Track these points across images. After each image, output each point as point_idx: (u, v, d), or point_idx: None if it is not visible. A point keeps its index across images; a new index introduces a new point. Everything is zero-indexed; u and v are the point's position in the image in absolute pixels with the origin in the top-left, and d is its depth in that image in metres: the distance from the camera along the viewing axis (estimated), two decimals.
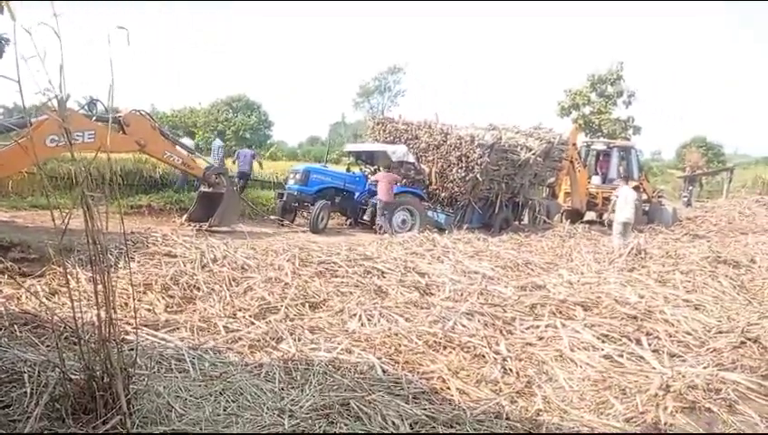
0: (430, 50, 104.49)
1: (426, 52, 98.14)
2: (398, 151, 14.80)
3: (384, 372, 4.62)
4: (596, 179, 19.75)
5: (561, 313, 6.43)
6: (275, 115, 65.18)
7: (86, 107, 9.78)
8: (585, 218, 18.82)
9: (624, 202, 12.36)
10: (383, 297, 6.89)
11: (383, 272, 7.86)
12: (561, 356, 5.26)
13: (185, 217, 12.51)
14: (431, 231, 12.22)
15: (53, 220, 3.09)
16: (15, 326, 4.64)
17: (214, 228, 11.47)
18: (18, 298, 5.60)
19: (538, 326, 5.94)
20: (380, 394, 4.04)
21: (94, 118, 9.38)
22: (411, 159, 14.95)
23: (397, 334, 5.45)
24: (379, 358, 4.88)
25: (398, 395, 4.15)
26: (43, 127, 8.66)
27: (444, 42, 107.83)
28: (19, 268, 6.53)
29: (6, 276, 6.16)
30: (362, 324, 5.87)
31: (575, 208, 18.82)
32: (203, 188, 12.36)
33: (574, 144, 18.26)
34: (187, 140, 15.11)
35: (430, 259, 9.11)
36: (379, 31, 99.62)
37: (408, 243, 10.45)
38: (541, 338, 5.66)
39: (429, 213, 15.18)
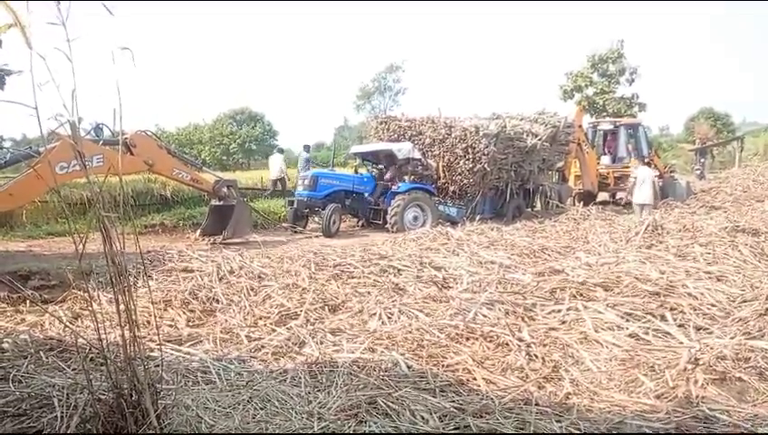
0: (425, 43, 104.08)
1: (421, 46, 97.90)
2: (404, 149, 14.81)
3: (408, 367, 4.60)
4: (605, 159, 19.67)
5: (581, 295, 6.39)
6: (279, 124, 65.50)
7: (92, 132, 9.87)
8: (598, 199, 18.71)
9: (641, 183, 12.28)
10: (401, 294, 6.87)
11: (399, 269, 7.85)
12: (585, 338, 5.22)
13: (198, 231, 12.59)
14: (444, 225, 12.21)
15: (75, 244, 3.12)
16: (41, 352, 4.68)
17: (228, 241, 11.53)
18: (42, 325, 5.65)
19: (560, 310, 5.90)
20: (407, 390, 4.03)
21: (101, 142, 9.48)
22: (417, 155, 14.96)
23: (418, 330, 5.43)
24: (403, 354, 4.87)
25: (424, 389, 4.14)
26: (52, 155, 8.77)
27: (437, 34, 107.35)
28: (40, 295, 6.59)
29: (29, 304, 6.22)
30: (383, 323, 5.86)
31: (587, 190, 18.76)
32: (214, 202, 12.43)
33: (580, 126, 18.19)
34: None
35: (445, 253, 9.09)
36: (372, 31, 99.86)
37: (421, 239, 10.45)
38: (563, 322, 5.63)
39: (440, 207, 15.20)
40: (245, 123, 45.94)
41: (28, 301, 6.28)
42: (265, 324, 5.86)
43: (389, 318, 5.96)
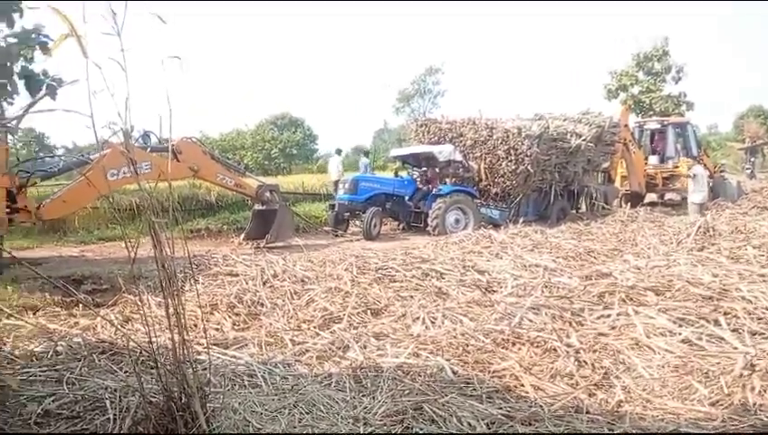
0: (465, 45, 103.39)
1: (461, 48, 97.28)
2: (445, 151, 14.74)
3: (454, 373, 4.56)
4: (653, 159, 19.19)
5: (631, 299, 6.22)
6: (319, 129, 66.02)
7: (140, 139, 10.12)
8: (646, 200, 18.28)
9: (698, 182, 12.00)
10: (444, 298, 6.83)
11: (442, 273, 7.79)
12: (636, 344, 5.08)
13: (242, 236, 12.77)
14: (486, 228, 12.09)
15: (127, 250, 3.18)
16: (94, 355, 4.79)
17: (271, 245, 11.66)
18: (94, 328, 5.80)
19: (609, 315, 5.76)
20: (453, 396, 3.99)
21: (149, 149, 9.71)
22: (458, 157, 14.88)
23: (463, 335, 5.38)
24: (448, 359, 4.83)
25: (471, 396, 4.08)
26: (103, 162, 9.04)
27: (477, 35, 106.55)
28: (92, 299, 6.77)
29: (81, 308, 6.40)
30: (426, 327, 5.81)
31: (634, 191, 18.35)
32: (257, 207, 12.59)
33: (626, 125, 17.82)
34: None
35: (488, 256, 8.99)
36: (411, 34, 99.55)
37: (463, 242, 10.36)
38: (613, 327, 5.49)
39: (482, 210, 15.07)
40: (286, 128, 46.47)
41: (81, 304, 6.45)
42: (309, 328, 5.89)
43: (433, 323, 5.91)
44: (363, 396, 4.12)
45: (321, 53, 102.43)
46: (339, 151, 20.69)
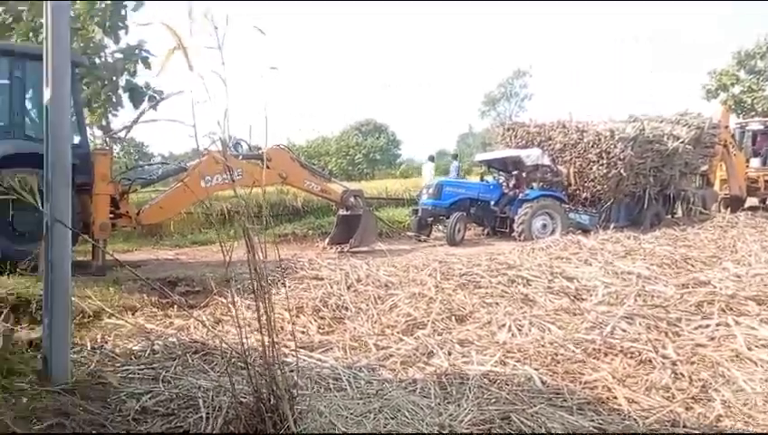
0: (553, 47, 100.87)
1: (549, 49, 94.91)
2: (532, 155, 14.46)
3: (543, 383, 4.43)
4: (755, 162, 18.06)
5: (731, 309, 5.86)
6: (403, 134, 66.28)
7: (231, 147, 10.53)
8: (746, 205, 17.21)
9: None
10: (531, 306, 6.66)
11: (528, 280, 7.61)
12: (737, 356, 4.77)
13: (327, 240, 12.98)
14: (575, 234, 11.74)
15: (223, 253, 3.30)
16: (188, 355, 5.00)
17: (355, 249, 11.79)
18: (187, 328, 6.05)
19: (707, 326, 5.43)
20: (542, 406, 3.88)
21: (240, 157, 10.08)
22: (547, 161, 14.55)
23: (551, 343, 5.23)
24: (536, 369, 4.70)
25: (560, 407, 3.95)
26: (198, 170, 9.50)
27: (565, 36, 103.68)
28: (186, 301, 7.06)
29: (176, 309, 6.69)
30: (513, 335, 5.69)
31: (734, 195, 17.33)
32: (341, 212, 12.78)
33: (726, 127, 16.87)
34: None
35: (577, 263, 8.71)
36: (496, 36, 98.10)
37: (550, 248, 10.10)
38: (712, 338, 5.17)
39: (571, 215, 14.66)
40: (370, 134, 47.02)
41: (176, 306, 6.75)
42: (393, 333, 5.89)
43: (519, 330, 5.78)
44: (448, 403, 4.07)
45: (405, 57, 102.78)
46: (432, 158, 20.67)
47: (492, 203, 14.70)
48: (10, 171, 7.20)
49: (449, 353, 5.13)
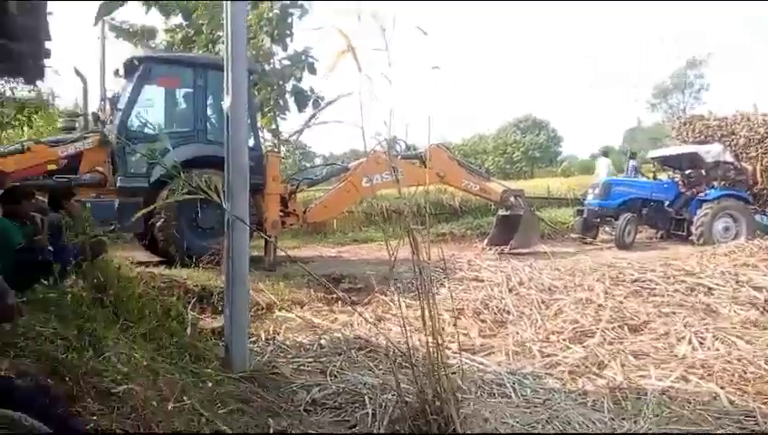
0: (732, 33, 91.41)
1: (727, 35, 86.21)
2: (713, 151, 13.19)
3: (731, 402, 4.05)
4: None
5: None
6: (564, 129, 63.51)
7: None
8: None
9: None
10: (714, 317, 6.08)
11: (710, 288, 6.96)
12: None
13: (485, 241, 12.78)
14: (762, 238, 10.53)
15: (388, 252, 3.33)
16: (352, 351, 5.16)
17: (515, 251, 11.49)
18: (351, 325, 6.24)
19: None
20: (730, 429, 3.54)
21: (399, 156, 10.25)
22: (729, 158, 13.20)
23: (739, 359, 4.75)
24: (722, 387, 4.30)
25: (753, 432, 3.55)
26: (358, 171, 9.82)
27: (746, 22, 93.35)
28: (349, 297, 7.30)
29: (340, 305, 6.94)
30: (694, 348, 5.23)
31: None
32: (501, 212, 12.52)
33: None
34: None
35: (766, 271, 7.78)
36: (670, 24, 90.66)
37: (734, 253, 9.12)
38: None
39: (757, 217, 13.18)
40: (529, 131, 45.74)
41: (340, 301, 7.00)
42: (558, 340, 5.65)
43: (702, 344, 5.32)
44: (623, 419, 3.82)
45: (565, 49, 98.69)
46: (606, 153, 19.44)
47: (666, 204, 13.63)
48: (195, 173, 7.90)
49: (622, 365, 4.82)
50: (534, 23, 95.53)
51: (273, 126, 15.49)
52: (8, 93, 13.13)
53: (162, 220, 8.61)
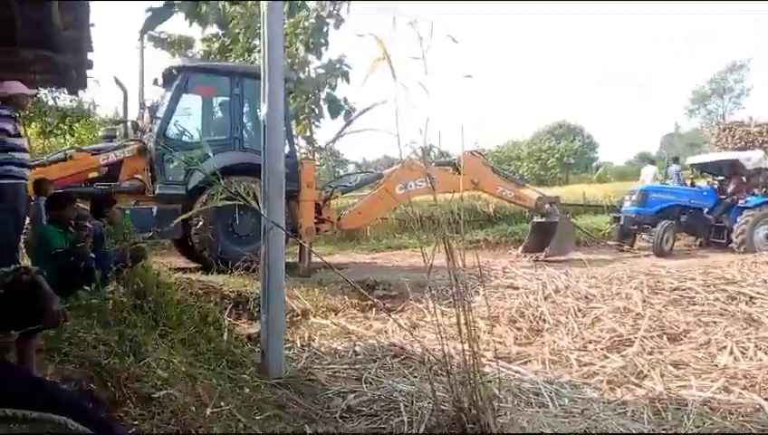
0: (744, 37, 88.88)
1: (738, 39, 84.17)
2: (753, 158, 12.91)
3: None
4: None
5: None
6: (599, 135, 62.42)
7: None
8: None
9: None
10: (756, 327, 5.93)
11: (752, 297, 6.79)
12: None
13: (520, 248, 12.67)
14: None
15: (424, 259, 3.33)
16: (387, 358, 5.15)
17: (550, 258, 11.36)
18: (386, 331, 6.24)
19: None
20: None
21: (433, 163, 10.23)
22: None
23: None
24: (766, 398, 4.19)
25: None
26: (392, 178, 9.84)
27: None
28: (384, 304, 7.30)
29: (374, 312, 6.94)
30: (736, 359, 5.12)
31: None
32: (536, 219, 12.41)
33: None
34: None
35: None
36: (710, 27, 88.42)
37: None
38: None
39: None
40: (564, 137, 45.20)
41: (374, 308, 7.00)
42: (596, 349, 5.57)
43: (744, 354, 5.22)
44: (664, 430, 3.74)
45: (599, 54, 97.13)
46: (653, 161, 19.11)
47: (705, 211, 13.34)
48: (233, 180, 8.01)
49: (662, 375, 4.73)
50: (543, 23, 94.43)
51: (308, 133, 15.62)
52: (51, 103, 13.57)
53: (200, 226, 8.75)
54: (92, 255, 4.97)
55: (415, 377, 4.59)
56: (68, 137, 15.04)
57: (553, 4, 78.16)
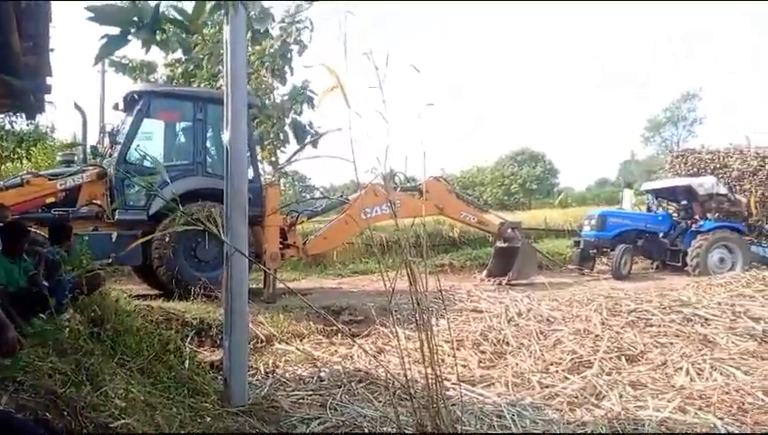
0: (725, 66, 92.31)
1: (720, 69, 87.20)
2: (706, 183, 13.36)
3: (729, 433, 4.03)
4: None
5: None
6: (560, 162, 63.61)
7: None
8: None
9: None
10: (711, 348, 6.07)
11: (706, 319, 6.96)
12: None
13: (484, 272, 12.80)
14: (759, 269, 10.56)
15: (384, 283, 3.35)
16: (352, 383, 5.13)
17: (513, 282, 11.50)
18: (351, 357, 6.22)
19: None
20: None
21: (398, 189, 10.32)
22: (723, 190, 13.33)
23: (737, 390, 4.75)
24: (720, 418, 4.29)
25: None
26: (358, 202, 9.87)
27: (740, 56, 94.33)
28: (349, 329, 7.27)
29: (340, 337, 6.91)
30: (691, 379, 5.24)
31: None
32: (499, 244, 12.57)
33: None
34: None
35: (763, 301, 7.77)
36: (662, 59, 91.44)
37: (731, 284, 9.12)
38: None
39: (753, 248, 13.24)
40: (526, 163, 46.03)
41: (340, 334, 6.97)
42: (557, 371, 5.64)
43: (699, 374, 5.33)
44: None
45: (559, 82, 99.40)
46: (630, 185, 19.53)
47: (661, 235, 13.73)
48: (194, 205, 7.92)
49: (620, 396, 4.81)
50: (542, 22, 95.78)
51: (273, 159, 15.59)
52: (7, 127, 13.32)
53: (160, 252, 8.61)
54: (45, 283, 4.84)
55: (380, 402, 4.58)
56: (25, 161, 14.74)
57: (553, 5, 79.91)
